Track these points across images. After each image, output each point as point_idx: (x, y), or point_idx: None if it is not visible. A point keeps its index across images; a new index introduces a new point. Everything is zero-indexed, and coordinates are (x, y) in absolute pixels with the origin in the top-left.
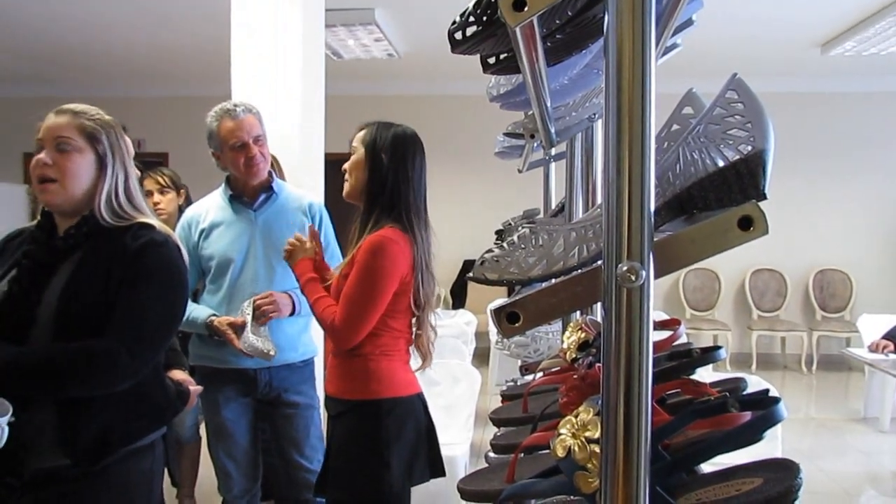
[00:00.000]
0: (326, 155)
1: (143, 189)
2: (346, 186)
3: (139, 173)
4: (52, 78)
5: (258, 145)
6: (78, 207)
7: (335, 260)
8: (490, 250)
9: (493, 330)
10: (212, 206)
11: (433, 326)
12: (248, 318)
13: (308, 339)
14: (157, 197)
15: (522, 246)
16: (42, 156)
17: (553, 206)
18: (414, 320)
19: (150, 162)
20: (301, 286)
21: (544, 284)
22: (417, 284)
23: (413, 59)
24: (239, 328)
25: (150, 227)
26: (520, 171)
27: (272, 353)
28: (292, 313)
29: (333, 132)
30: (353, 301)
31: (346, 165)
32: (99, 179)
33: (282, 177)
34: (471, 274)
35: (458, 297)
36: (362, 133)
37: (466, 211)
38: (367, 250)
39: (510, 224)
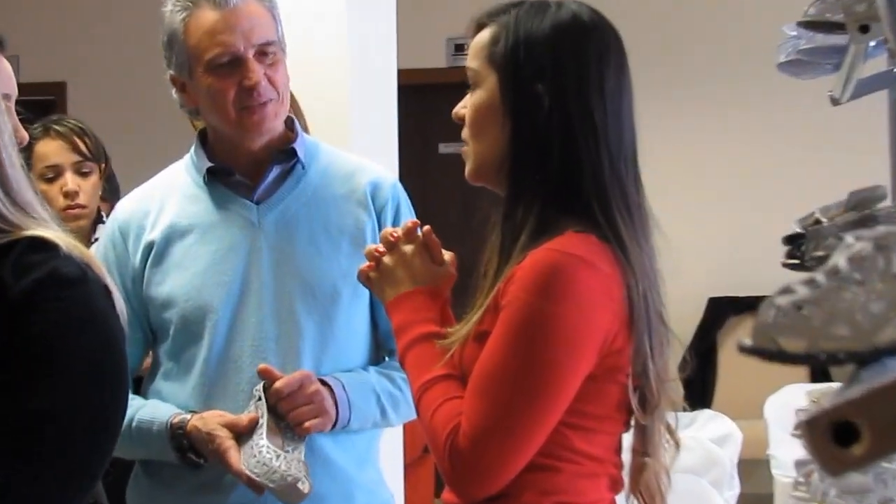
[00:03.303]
0: (400, 74)
1: (38, 164)
2: (468, 158)
3: (26, 137)
4: None
5: (267, 64)
6: None
7: None
8: (787, 290)
9: (781, 457)
10: (170, 196)
11: (675, 438)
12: (263, 410)
13: (375, 477)
14: (71, 181)
15: (857, 277)
16: None
17: None
18: (630, 432)
19: (32, 103)
20: (401, 352)
21: None
22: (642, 356)
23: None
24: (242, 435)
25: (47, 245)
26: (836, 103)
27: (306, 489)
28: (334, 426)
29: (411, 27)
30: (495, 393)
31: (458, 110)
32: None
33: (306, 129)
34: (747, 342)
35: (699, 383)
36: (486, 35)
37: (711, 193)
38: (529, 283)
39: (819, 224)
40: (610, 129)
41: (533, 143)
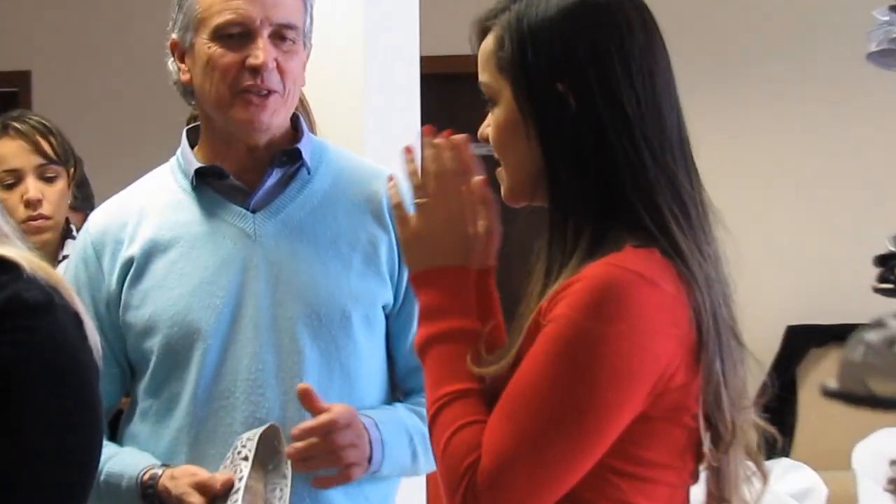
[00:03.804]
0: (423, 61)
1: None
2: (502, 181)
3: None
4: None
5: (282, 50)
6: None
7: None
8: (879, 323)
9: None
10: (152, 204)
11: (763, 470)
12: (244, 472)
13: None
14: (34, 188)
15: None
16: None
17: None
18: (701, 472)
19: None
20: (420, 341)
21: None
22: (714, 382)
23: None
24: (217, 497)
25: (7, 266)
26: None
27: None
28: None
29: (437, 7)
30: (523, 418)
31: (483, 130)
32: None
33: (313, 129)
34: (831, 384)
35: (777, 426)
36: (490, 40)
37: (788, 203)
38: (578, 299)
39: None
40: (647, 117)
41: (564, 150)
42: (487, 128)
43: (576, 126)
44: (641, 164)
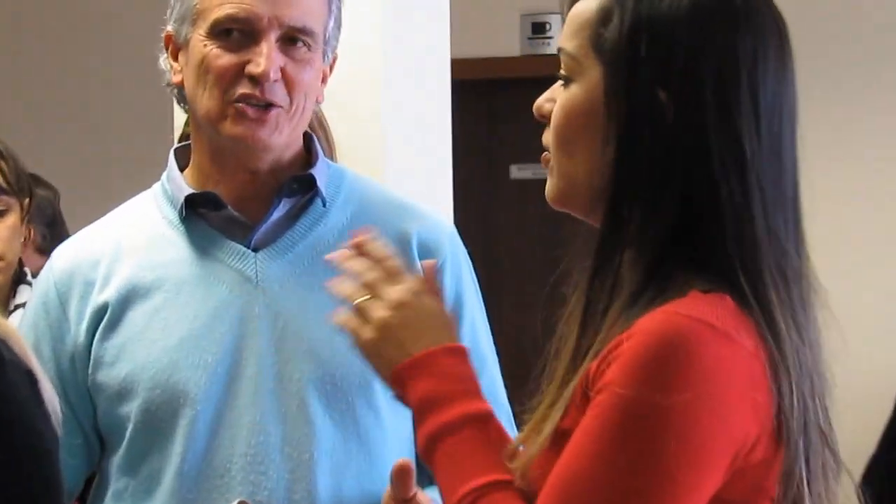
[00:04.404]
0: (455, 65)
1: None
2: (552, 173)
3: None
4: None
5: (293, 59)
6: None
7: (496, 403)
8: None
9: None
10: (131, 238)
11: None
12: None
13: None
14: None
15: None
16: None
17: None
18: None
19: None
20: (426, 439)
21: None
22: (793, 486)
23: None
24: None
25: None
26: None
27: None
28: None
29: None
30: (579, 498)
31: (543, 104)
32: None
33: (330, 155)
34: None
35: None
36: (593, 6)
37: None
38: (634, 359)
39: None
40: (765, 162)
41: (647, 169)
42: (549, 102)
43: (668, 145)
44: (749, 213)
